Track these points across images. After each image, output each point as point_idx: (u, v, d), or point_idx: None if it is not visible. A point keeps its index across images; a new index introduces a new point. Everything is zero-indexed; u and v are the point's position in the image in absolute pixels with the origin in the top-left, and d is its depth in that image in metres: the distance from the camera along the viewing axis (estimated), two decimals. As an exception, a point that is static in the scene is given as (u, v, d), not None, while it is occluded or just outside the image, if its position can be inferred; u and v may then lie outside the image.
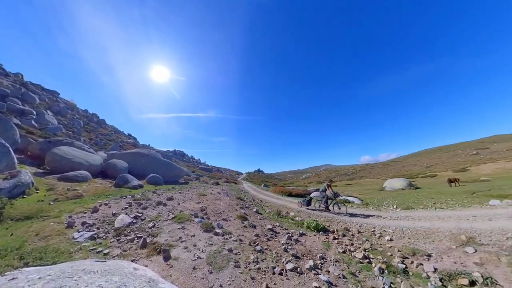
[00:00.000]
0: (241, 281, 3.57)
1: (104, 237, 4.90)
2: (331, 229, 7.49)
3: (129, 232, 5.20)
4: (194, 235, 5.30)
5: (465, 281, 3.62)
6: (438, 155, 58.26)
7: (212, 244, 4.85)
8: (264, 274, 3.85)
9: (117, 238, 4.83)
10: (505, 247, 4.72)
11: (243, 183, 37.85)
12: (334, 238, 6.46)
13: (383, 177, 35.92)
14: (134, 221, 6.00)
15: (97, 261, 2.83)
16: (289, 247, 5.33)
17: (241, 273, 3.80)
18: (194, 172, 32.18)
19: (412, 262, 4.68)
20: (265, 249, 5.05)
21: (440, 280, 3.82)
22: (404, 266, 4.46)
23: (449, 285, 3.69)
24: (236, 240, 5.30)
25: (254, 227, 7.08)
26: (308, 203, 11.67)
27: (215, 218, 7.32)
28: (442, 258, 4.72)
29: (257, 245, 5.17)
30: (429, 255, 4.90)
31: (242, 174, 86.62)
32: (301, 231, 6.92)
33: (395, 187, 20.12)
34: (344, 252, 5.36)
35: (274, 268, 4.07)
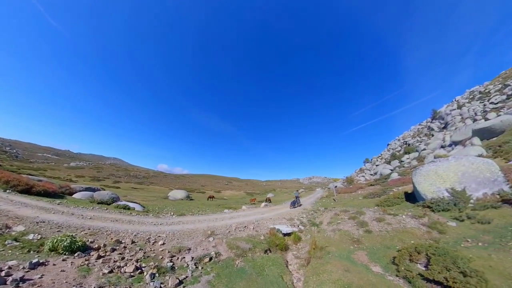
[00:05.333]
0: None
1: None
2: (96, 245, 5.80)
3: None
4: None
5: (207, 259, 5.49)
6: (209, 179, 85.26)
7: None
8: None
9: None
10: (225, 234, 8.01)
11: None
12: (99, 257, 5.07)
13: (171, 187, 39.66)
14: None
15: None
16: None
17: None
18: None
19: (177, 258, 5.56)
20: None
21: (195, 264, 5.20)
22: (172, 263, 5.12)
23: (199, 265, 5.18)
24: None
25: None
26: (295, 203, 16.09)
27: None
28: (197, 249, 6.37)
29: None
30: (189, 249, 6.28)
31: None
32: (35, 260, 4.34)
33: (176, 197, 23.18)
34: (111, 271, 4.45)
35: None
